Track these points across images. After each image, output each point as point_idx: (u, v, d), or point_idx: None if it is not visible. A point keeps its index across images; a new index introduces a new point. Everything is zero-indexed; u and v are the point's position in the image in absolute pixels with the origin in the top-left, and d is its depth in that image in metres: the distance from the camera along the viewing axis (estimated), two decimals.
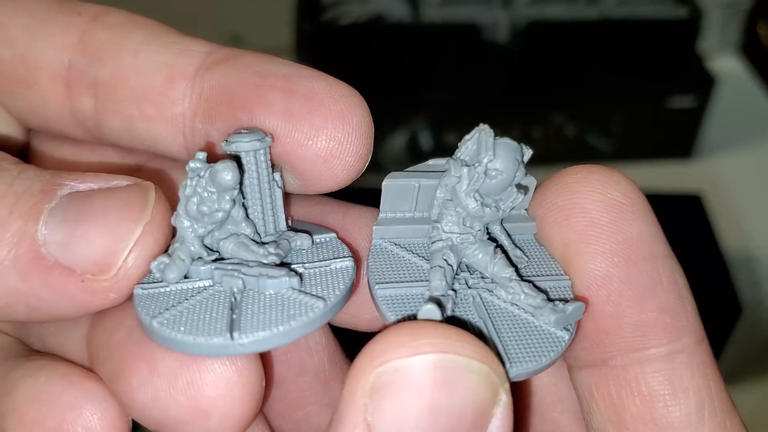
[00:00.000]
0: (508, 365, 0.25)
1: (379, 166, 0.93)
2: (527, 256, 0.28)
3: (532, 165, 0.28)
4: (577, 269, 0.27)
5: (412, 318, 0.25)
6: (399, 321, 0.25)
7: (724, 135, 0.99)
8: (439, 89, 0.92)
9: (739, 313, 0.71)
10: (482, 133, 0.26)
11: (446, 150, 0.93)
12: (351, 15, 0.90)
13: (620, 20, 0.91)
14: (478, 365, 0.22)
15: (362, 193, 0.29)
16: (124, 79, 0.28)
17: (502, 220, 0.28)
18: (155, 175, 0.31)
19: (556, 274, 0.28)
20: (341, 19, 0.89)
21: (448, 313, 0.26)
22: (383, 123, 0.92)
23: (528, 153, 0.27)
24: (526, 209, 0.29)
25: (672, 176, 0.96)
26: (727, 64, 1.07)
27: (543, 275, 0.28)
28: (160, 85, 0.28)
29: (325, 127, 0.26)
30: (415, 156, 0.94)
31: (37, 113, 0.30)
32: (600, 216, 0.27)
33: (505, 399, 0.23)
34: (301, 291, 0.26)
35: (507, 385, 0.23)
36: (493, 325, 0.26)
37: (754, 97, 1.06)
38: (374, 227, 0.28)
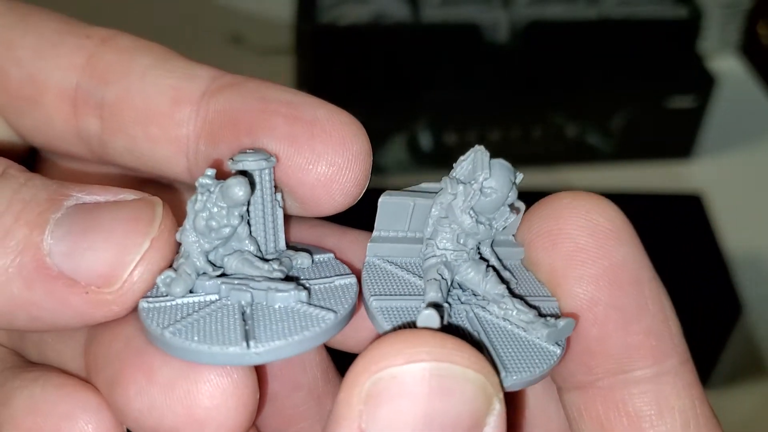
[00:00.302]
0: (503, 374, 0.25)
1: (379, 166, 0.93)
2: (516, 278, 0.29)
3: (532, 165, 0.28)
4: (563, 293, 0.28)
5: (410, 326, 0.26)
6: (395, 330, 0.26)
7: (724, 135, 0.99)
8: (439, 89, 0.92)
9: (739, 313, 0.71)
10: (478, 153, 0.27)
11: (446, 150, 0.93)
12: (351, 15, 0.90)
13: (620, 20, 0.91)
14: (474, 375, 0.23)
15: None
16: (130, 100, 0.29)
17: (492, 242, 0.29)
18: (160, 192, 0.32)
19: (544, 295, 0.28)
20: (341, 20, 0.89)
21: (444, 323, 0.26)
22: (383, 123, 0.92)
23: (520, 177, 0.28)
24: (513, 235, 0.30)
25: (672, 176, 0.96)
26: (727, 64, 1.07)
27: (531, 296, 0.28)
28: (166, 107, 0.29)
29: (326, 153, 0.27)
30: (415, 156, 0.94)
31: (42, 131, 0.31)
32: (585, 242, 0.27)
33: (498, 408, 0.23)
34: (309, 304, 0.26)
35: (501, 395, 0.23)
36: (488, 338, 0.26)
37: (754, 97, 1.06)
38: (368, 244, 0.29)
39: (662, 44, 0.94)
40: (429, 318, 0.25)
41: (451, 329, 0.26)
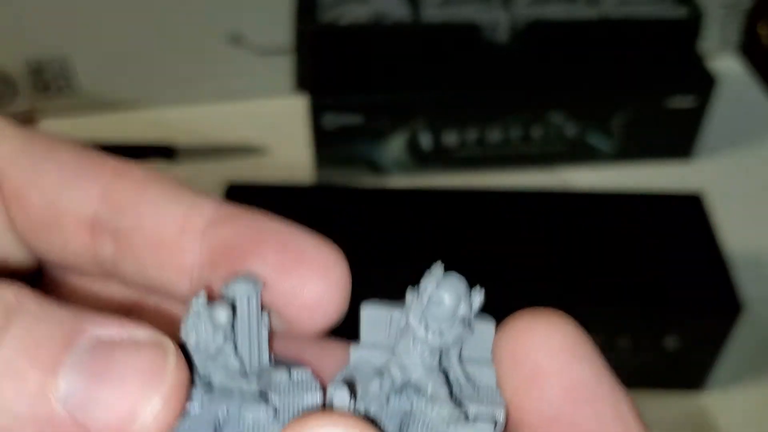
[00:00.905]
0: None
1: (379, 166, 0.93)
2: (475, 391, 0.30)
3: (532, 165, 0.28)
4: (525, 412, 0.29)
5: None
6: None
7: (724, 135, 0.99)
8: (439, 89, 0.92)
9: (739, 313, 0.71)
10: (435, 266, 0.30)
11: (446, 150, 0.93)
12: (351, 15, 0.90)
13: (620, 20, 0.91)
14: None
15: (363, 194, 0.30)
16: (142, 229, 0.32)
17: (461, 356, 0.31)
18: (161, 312, 0.35)
19: (494, 402, 0.30)
20: (341, 20, 0.89)
21: (371, 411, 0.28)
22: (383, 123, 0.92)
23: (478, 298, 0.29)
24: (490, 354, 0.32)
25: (672, 176, 0.96)
26: (727, 64, 1.07)
27: (480, 404, 0.30)
28: (174, 236, 0.31)
29: (311, 280, 0.30)
30: (415, 156, 0.94)
31: (58, 253, 0.33)
32: (544, 362, 0.29)
33: None
34: (276, 420, 0.28)
35: None
36: (399, 423, 0.28)
37: (754, 97, 1.06)
38: (351, 348, 0.31)
39: (662, 44, 0.94)
40: (340, 395, 0.28)
41: (370, 416, 0.28)
